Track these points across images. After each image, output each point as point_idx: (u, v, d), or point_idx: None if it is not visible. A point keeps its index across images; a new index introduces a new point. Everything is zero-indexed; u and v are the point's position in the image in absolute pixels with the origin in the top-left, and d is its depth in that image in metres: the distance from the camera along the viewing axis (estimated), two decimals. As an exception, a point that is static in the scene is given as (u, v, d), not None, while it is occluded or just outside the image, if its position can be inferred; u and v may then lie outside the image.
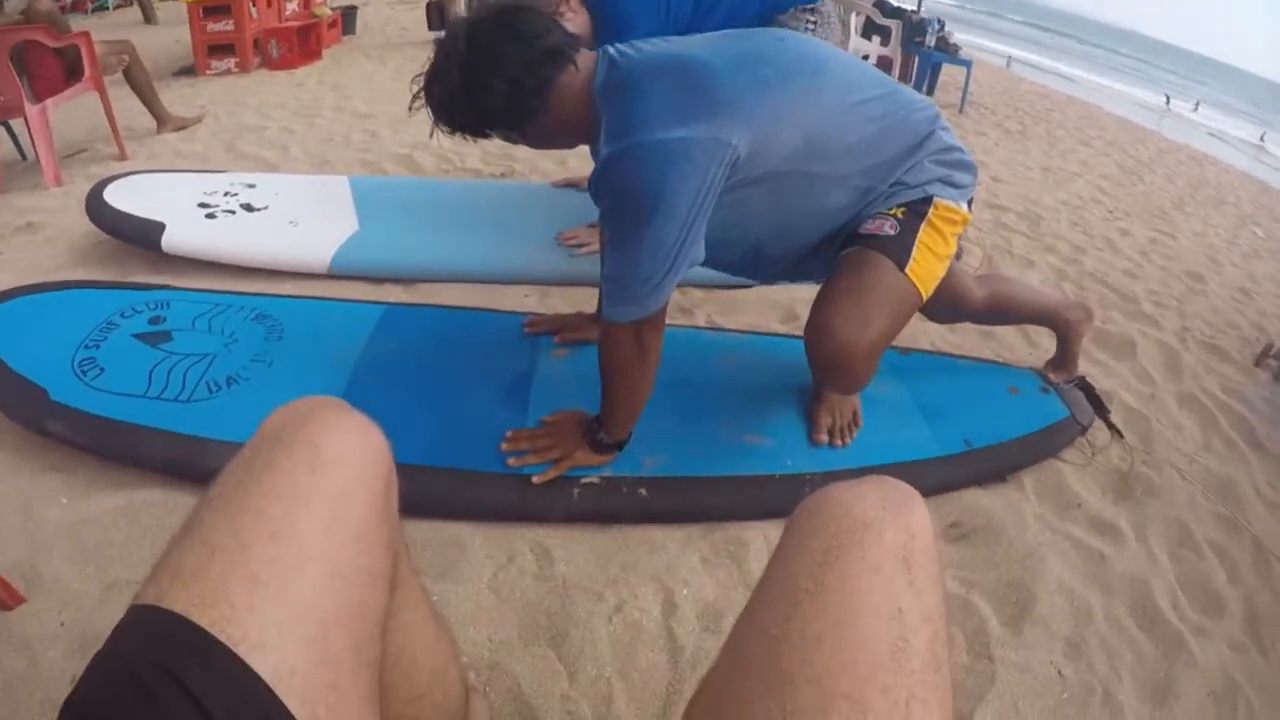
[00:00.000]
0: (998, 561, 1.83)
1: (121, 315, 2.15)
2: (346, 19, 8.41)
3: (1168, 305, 3.58)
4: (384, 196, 3.26)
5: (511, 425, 1.90)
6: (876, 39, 7.37)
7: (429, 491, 1.73)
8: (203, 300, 2.30)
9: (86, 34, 3.92)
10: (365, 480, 0.75)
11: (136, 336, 2.07)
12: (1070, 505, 2.06)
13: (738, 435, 1.99)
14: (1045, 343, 2.88)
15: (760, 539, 1.78)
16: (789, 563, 0.76)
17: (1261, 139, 15.96)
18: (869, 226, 1.68)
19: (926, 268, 1.67)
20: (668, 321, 2.58)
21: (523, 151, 4.29)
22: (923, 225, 1.67)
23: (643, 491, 1.79)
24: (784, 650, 0.67)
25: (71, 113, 4.04)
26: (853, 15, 6.87)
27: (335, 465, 0.73)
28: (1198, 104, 20.14)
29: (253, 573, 0.62)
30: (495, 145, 4.34)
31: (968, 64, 7.86)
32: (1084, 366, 2.72)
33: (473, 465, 1.79)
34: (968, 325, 2.90)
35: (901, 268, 1.64)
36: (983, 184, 5.00)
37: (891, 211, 1.68)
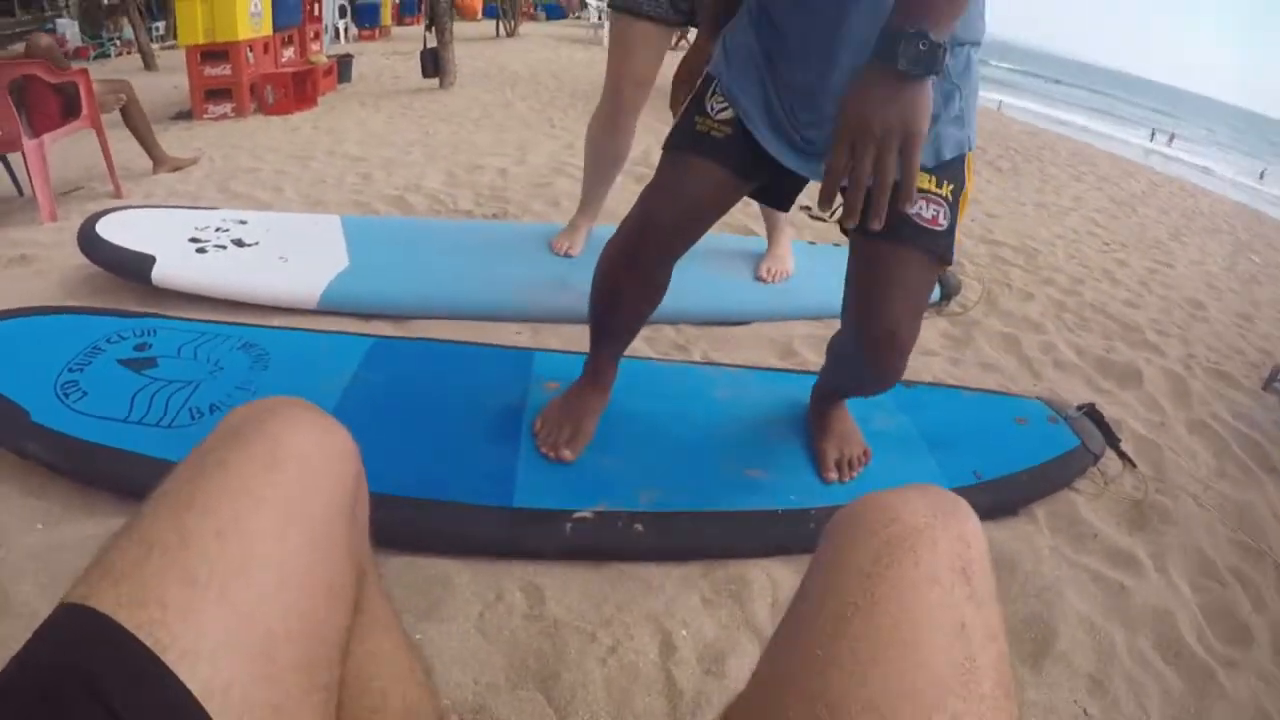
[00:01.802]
0: (1014, 597, 1.75)
1: (107, 341, 2.12)
2: (342, 67, 8.50)
3: (1170, 333, 3.55)
4: (375, 234, 3.23)
5: (502, 458, 1.83)
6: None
7: (414, 525, 1.65)
8: (189, 329, 2.26)
9: (85, 71, 3.96)
10: (327, 482, 0.68)
11: (121, 362, 2.04)
12: (1085, 536, 1.98)
13: (738, 469, 1.92)
14: (1050, 374, 2.86)
15: (764, 578, 1.69)
16: (831, 576, 0.67)
17: (1261, 176, 16.30)
18: (924, 214, 1.47)
19: None
20: (662, 357, 2.56)
21: (515, 193, 4.28)
22: (961, 199, 1.52)
23: (639, 527, 1.71)
24: (833, 672, 0.58)
25: (69, 150, 4.05)
26: None
27: (295, 463, 0.66)
28: (1171, 138, 20.77)
29: (191, 573, 0.54)
30: (487, 186, 4.33)
31: None
32: (1090, 394, 2.70)
33: (460, 498, 1.71)
34: (969, 358, 2.86)
35: (948, 264, 1.53)
36: (978, 220, 5.00)
37: (942, 190, 1.48)
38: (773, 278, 3.02)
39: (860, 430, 2.02)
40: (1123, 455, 2.34)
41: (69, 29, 16.58)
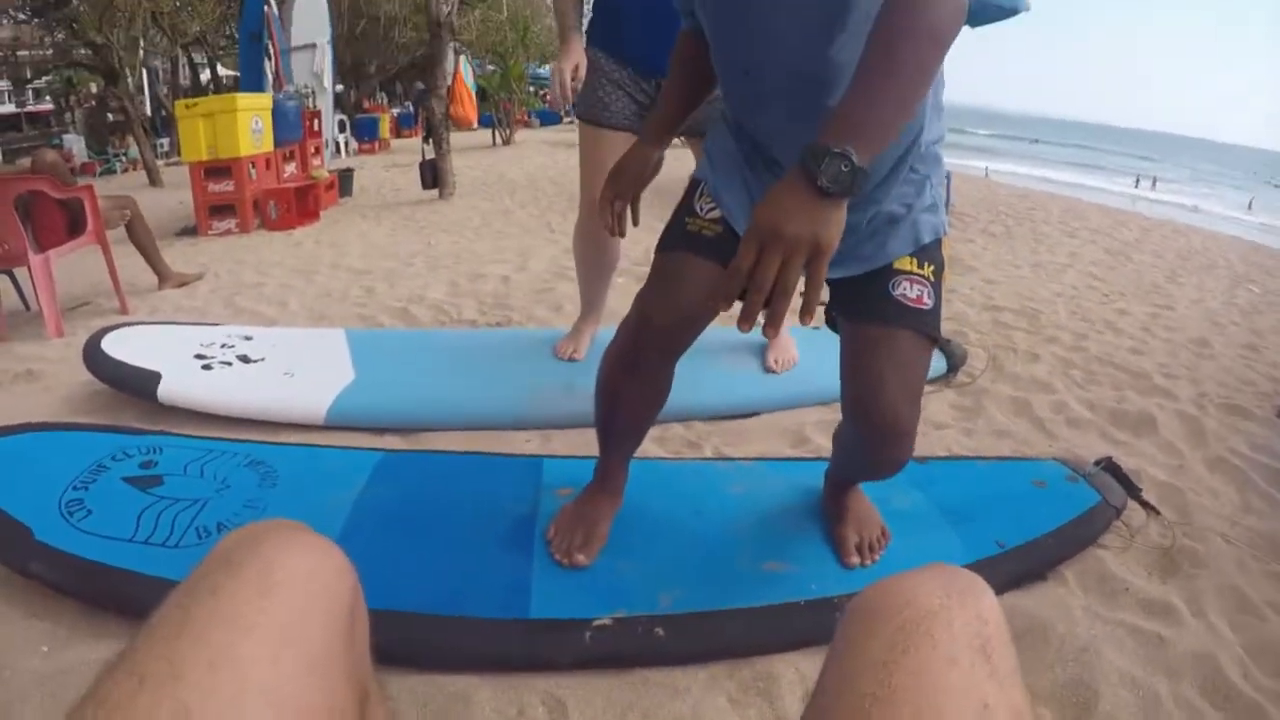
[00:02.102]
0: (1051, 663, 1.69)
1: (112, 458, 2.11)
2: (343, 181, 8.67)
3: (1179, 375, 3.54)
4: (380, 347, 3.25)
5: (516, 569, 1.80)
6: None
7: (430, 642, 1.61)
8: (195, 446, 2.25)
9: (90, 187, 4.05)
10: (322, 604, 0.66)
11: (126, 480, 2.02)
12: (1118, 592, 1.93)
13: (757, 563, 1.87)
14: (1064, 433, 2.83)
15: (791, 672, 1.64)
16: (847, 668, 0.65)
17: (1249, 206, 16.58)
18: (909, 294, 1.54)
19: None
20: (673, 456, 2.54)
21: (517, 300, 4.32)
22: (942, 279, 1.59)
23: (660, 631, 1.66)
24: None
25: (75, 266, 4.11)
26: None
27: (288, 588, 0.64)
28: (1154, 181, 21.35)
29: (184, 705, 0.52)
30: (490, 294, 4.36)
31: (946, 177, 7.91)
32: (1106, 447, 2.66)
33: (476, 611, 1.67)
34: (981, 426, 2.84)
35: (937, 342, 1.57)
36: (976, 287, 5.03)
37: (924, 271, 1.57)
38: (781, 367, 3.01)
39: (878, 511, 1.99)
40: (1145, 504, 2.29)
41: (75, 144, 17.10)
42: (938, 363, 3.23)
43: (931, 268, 1.57)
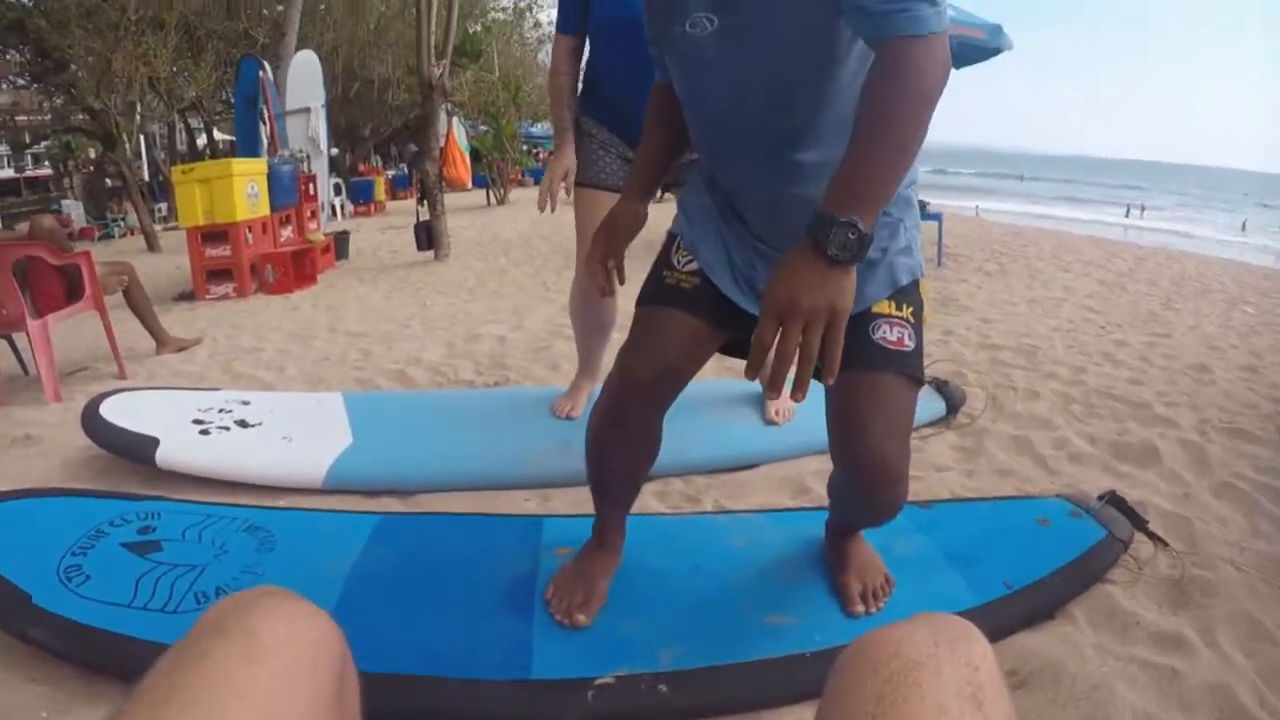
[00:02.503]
0: (1063, 703, 1.67)
1: (110, 524, 2.11)
2: (339, 244, 8.74)
3: (1179, 403, 3.53)
4: (378, 410, 3.24)
5: (517, 630, 1.78)
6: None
7: (431, 704, 1.59)
8: (193, 511, 2.25)
9: (87, 253, 4.09)
10: (309, 671, 0.66)
11: (124, 545, 2.02)
12: (1128, 626, 1.91)
13: (760, 616, 1.86)
14: (1066, 468, 2.82)
15: (797, 727, 1.62)
16: None
17: (1243, 228, 16.78)
18: (889, 337, 1.55)
19: None
20: (673, 510, 2.53)
21: (514, 359, 4.32)
22: (922, 319, 1.61)
23: (663, 688, 1.64)
24: None
25: (73, 331, 4.13)
26: None
27: (275, 654, 0.64)
28: (1143, 209, 21.67)
29: None
30: (487, 354, 4.37)
31: (938, 217, 8.06)
32: (1110, 481, 2.65)
33: (477, 673, 1.65)
34: (983, 467, 2.83)
35: (922, 383, 1.57)
36: (972, 327, 5.04)
37: (903, 313, 1.58)
38: (782, 418, 3.01)
39: (880, 558, 1.98)
40: (1152, 536, 2.27)
41: (74, 210, 17.27)
42: (936, 405, 3.24)
43: (910, 309, 1.58)
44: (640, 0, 1.61)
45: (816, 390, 3.04)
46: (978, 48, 7.58)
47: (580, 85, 2.87)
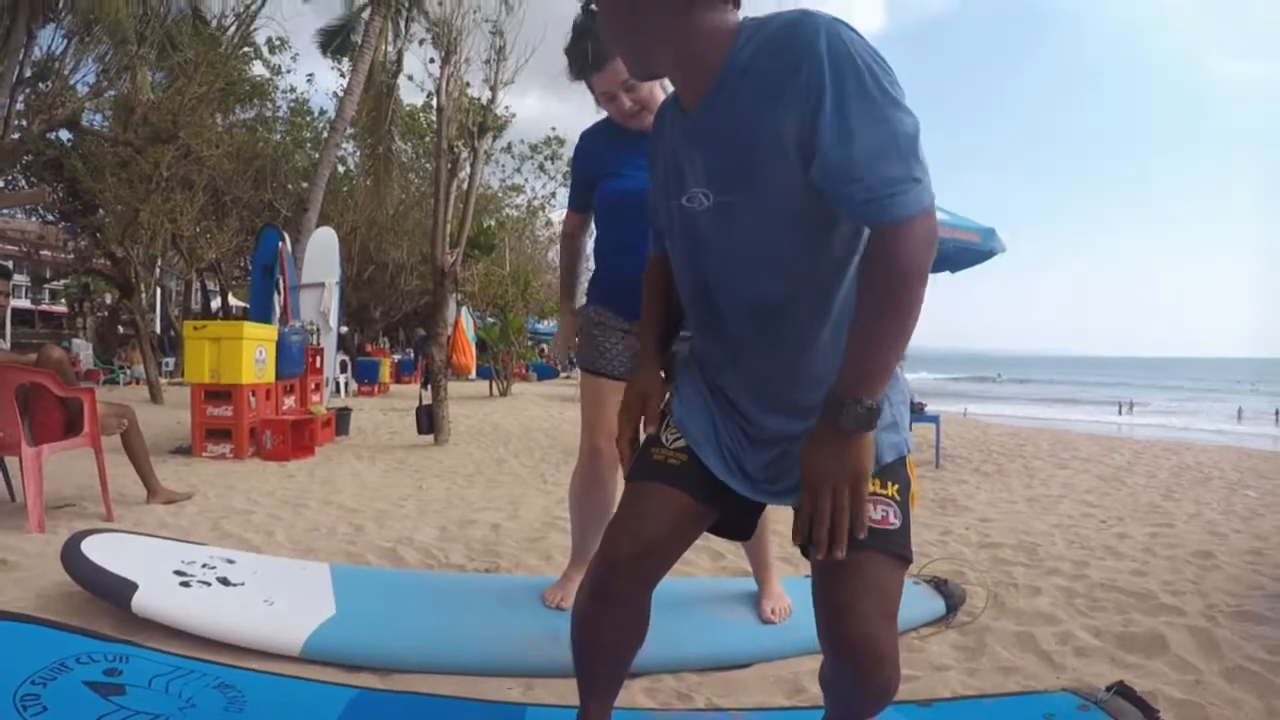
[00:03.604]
0: None
1: (76, 660, 2.05)
2: (340, 419, 8.79)
3: (1185, 590, 3.47)
4: (365, 584, 3.17)
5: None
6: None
7: None
8: (163, 661, 2.17)
9: (91, 390, 4.12)
10: None
11: (87, 683, 1.95)
12: None
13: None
14: (1071, 662, 2.74)
15: None
16: None
17: (1239, 417, 16.97)
18: (873, 514, 1.52)
19: None
20: (663, 708, 2.43)
21: (507, 547, 4.25)
22: (909, 497, 1.60)
23: None
24: None
25: (66, 466, 4.11)
26: None
27: None
28: (1131, 406, 21.91)
29: None
30: (480, 541, 4.31)
31: (935, 419, 8.10)
32: (1118, 672, 2.58)
33: None
34: (986, 665, 2.75)
35: (909, 561, 1.55)
36: (971, 526, 4.98)
37: (888, 491, 1.56)
38: (778, 616, 2.94)
39: None
40: None
41: (84, 350, 17.48)
42: (935, 604, 3.18)
43: (896, 486, 1.58)
44: (644, 176, 1.72)
45: (809, 590, 2.98)
46: (976, 252, 7.90)
47: (594, 272, 3.00)
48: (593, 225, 3.03)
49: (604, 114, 2.86)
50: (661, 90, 2.65)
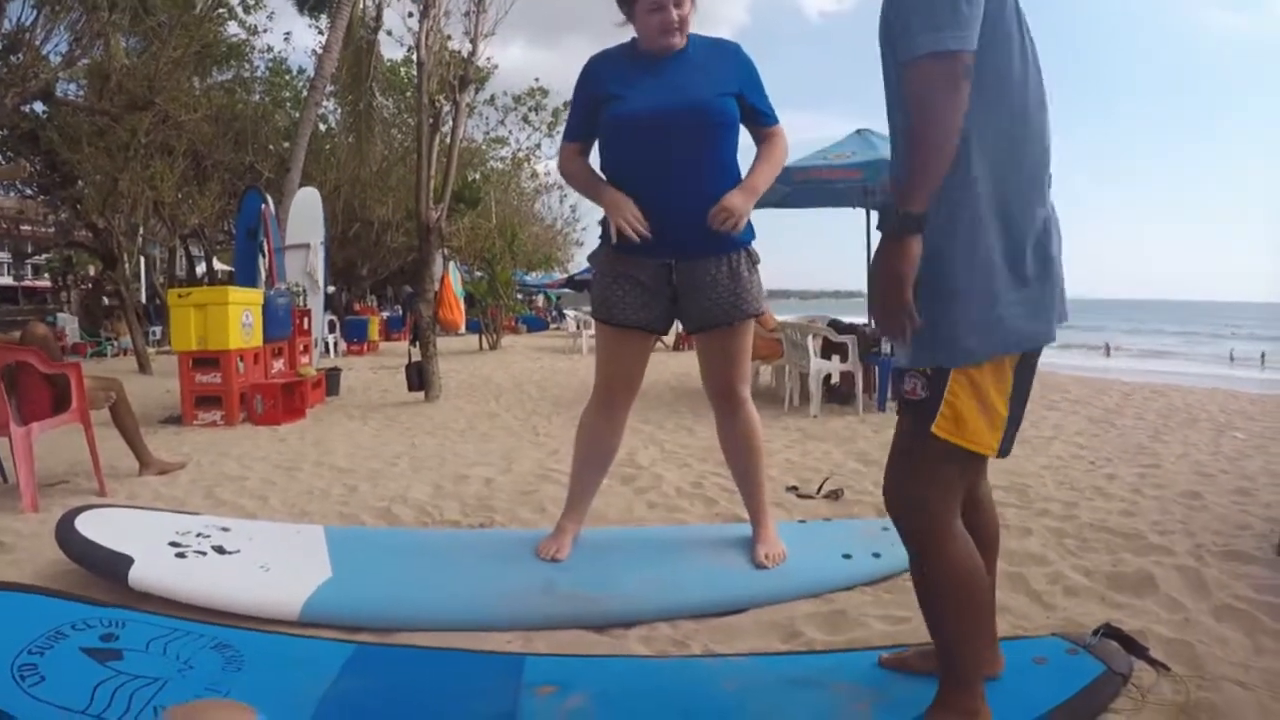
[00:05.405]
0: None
1: (72, 627, 2.05)
2: (330, 380, 8.78)
3: (1173, 530, 3.51)
4: (360, 545, 3.19)
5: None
6: (835, 357, 7.51)
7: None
8: (160, 624, 2.18)
9: (77, 365, 4.10)
10: None
11: (84, 650, 1.97)
12: None
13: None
14: (1062, 602, 2.77)
15: None
16: None
17: (1231, 359, 17.25)
18: (904, 385, 1.80)
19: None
20: (659, 655, 2.47)
21: (501, 502, 4.27)
22: (947, 385, 1.73)
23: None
24: None
25: (57, 443, 4.10)
26: (809, 338, 7.25)
27: None
28: (1108, 348, 22.76)
29: None
30: (474, 496, 4.34)
31: None
32: (1107, 612, 2.62)
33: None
34: None
35: (929, 425, 1.71)
36: None
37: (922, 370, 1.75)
38: (772, 562, 2.95)
39: None
40: (1154, 662, 2.21)
41: (69, 324, 17.32)
42: None
43: (929, 370, 1.77)
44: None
45: (804, 534, 3.03)
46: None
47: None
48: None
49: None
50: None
